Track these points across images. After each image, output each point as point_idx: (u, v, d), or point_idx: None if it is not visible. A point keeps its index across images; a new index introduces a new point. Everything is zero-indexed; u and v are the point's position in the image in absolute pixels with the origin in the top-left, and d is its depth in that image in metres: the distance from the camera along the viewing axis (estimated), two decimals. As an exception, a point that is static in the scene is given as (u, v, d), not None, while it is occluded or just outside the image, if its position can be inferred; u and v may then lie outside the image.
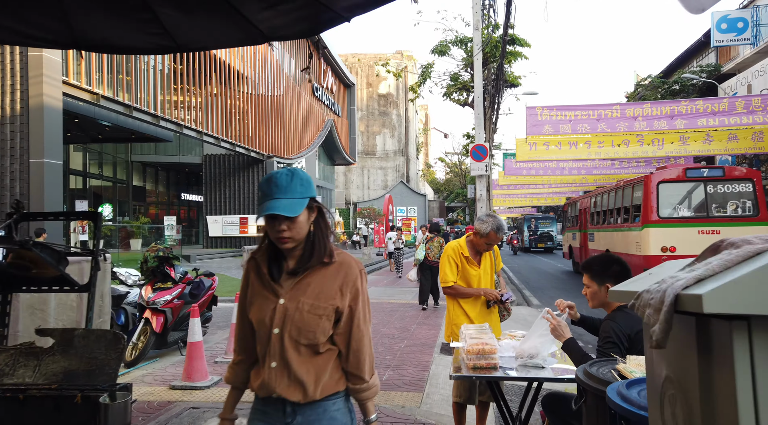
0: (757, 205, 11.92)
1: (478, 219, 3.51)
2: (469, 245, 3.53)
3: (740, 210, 12.09)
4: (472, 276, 3.48)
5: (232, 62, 23.01)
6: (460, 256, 3.49)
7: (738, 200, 12.21)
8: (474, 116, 13.10)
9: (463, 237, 3.60)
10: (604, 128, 16.45)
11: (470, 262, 3.48)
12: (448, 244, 3.63)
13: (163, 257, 5.92)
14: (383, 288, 13.66)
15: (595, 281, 2.52)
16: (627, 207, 14.86)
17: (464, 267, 3.48)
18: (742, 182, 12.40)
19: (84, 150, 21.94)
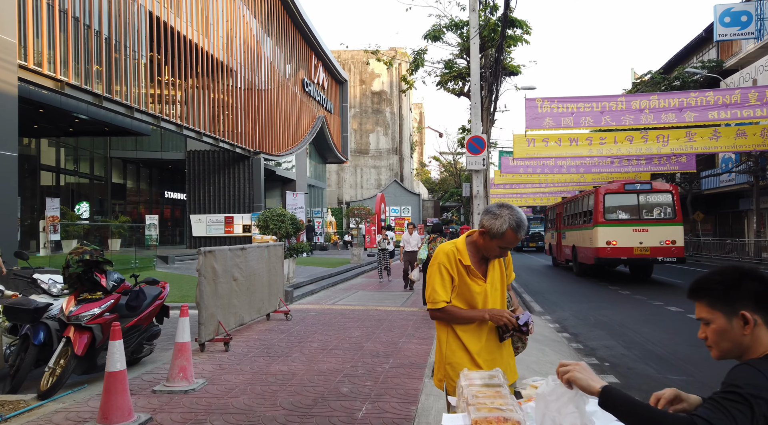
0: (674, 211, 16.14)
1: (487, 212, 2.40)
2: (471, 250, 2.44)
3: (662, 214, 16.09)
4: (475, 294, 2.39)
5: (217, 54, 21.87)
6: (457, 265, 2.40)
7: (661, 207, 16.24)
8: (470, 106, 12.04)
9: (462, 238, 2.50)
10: (608, 121, 15.43)
11: (472, 274, 2.40)
12: (440, 247, 2.51)
13: (90, 262, 4.80)
14: (371, 293, 12.57)
15: (721, 311, 1.40)
16: (585, 212, 18.34)
17: (463, 281, 2.39)
18: (664, 193, 16.51)
19: (57, 144, 20.72)
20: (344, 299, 11.27)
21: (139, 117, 16.58)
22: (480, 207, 11.68)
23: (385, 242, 15.01)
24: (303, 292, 11.47)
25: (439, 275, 2.40)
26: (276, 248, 8.42)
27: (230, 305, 6.70)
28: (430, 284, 2.43)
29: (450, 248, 2.44)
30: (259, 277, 7.62)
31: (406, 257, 12.77)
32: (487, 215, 2.37)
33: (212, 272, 6.20)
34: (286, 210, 11.44)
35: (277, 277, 8.42)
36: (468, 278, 2.39)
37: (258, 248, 7.65)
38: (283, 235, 11.08)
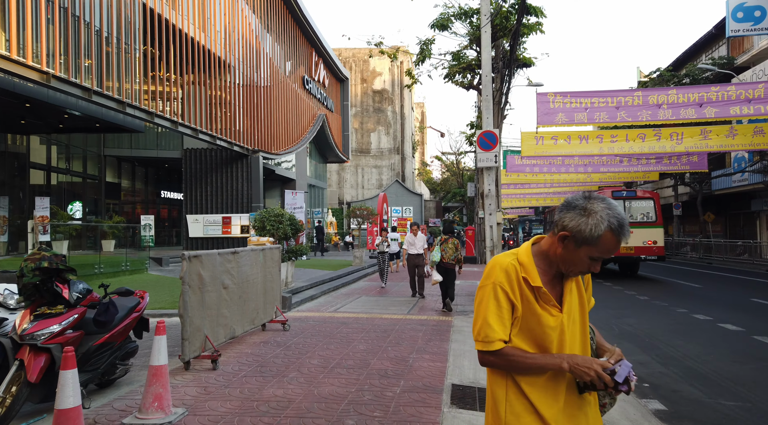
0: (656, 215, 18.71)
1: (570, 207, 1.65)
2: (541, 263, 1.71)
3: (645, 218, 18.65)
4: (547, 329, 1.65)
5: (214, 49, 21.13)
6: (520, 286, 1.66)
7: (644, 212, 18.83)
8: (482, 100, 11.30)
9: (525, 247, 1.75)
10: (624, 117, 14.68)
11: (544, 299, 1.66)
12: (495, 260, 1.74)
13: (49, 270, 4.06)
14: (375, 299, 11.81)
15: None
16: None
17: (530, 310, 1.66)
18: (647, 200, 19.29)
19: (48, 142, 19.98)
20: (346, 306, 10.53)
21: (132, 113, 15.83)
22: (491, 207, 10.96)
23: (384, 244, 14.09)
24: (302, 298, 10.72)
25: (494, 301, 1.65)
26: (272, 251, 7.68)
27: (220, 317, 5.95)
28: (480, 315, 1.68)
29: (509, 261, 1.68)
30: (253, 284, 6.88)
31: (411, 261, 11.72)
32: (570, 212, 1.62)
33: (198, 279, 5.46)
34: (284, 210, 10.69)
35: (273, 283, 7.68)
36: (537, 306, 1.65)
37: (252, 252, 6.90)
38: (280, 236, 10.33)
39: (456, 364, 5.77)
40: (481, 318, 1.66)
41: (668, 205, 37.41)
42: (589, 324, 1.77)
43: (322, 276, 14.34)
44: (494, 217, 11.00)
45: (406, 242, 11.74)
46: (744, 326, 8.69)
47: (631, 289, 14.49)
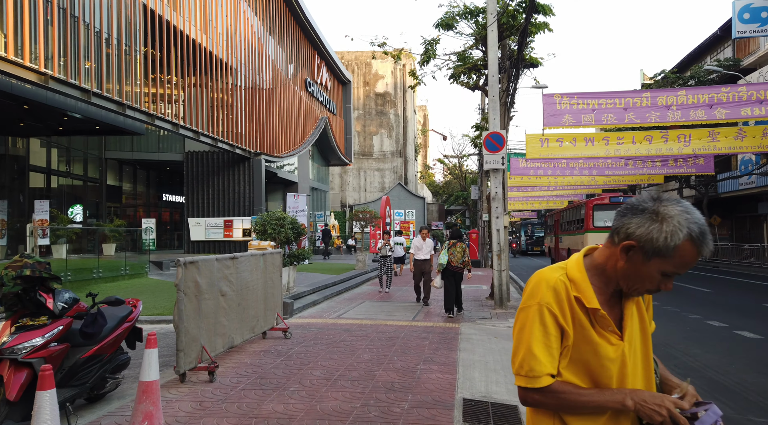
0: None
1: (637, 211, 1.34)
2: (597, 280, 1.41)
3: None
4: (604, 361, 1.36)
5: (216, 51, 20.93)
6: (572, 307, 1.37)
7: None
8: (488, 100, 11.03)
9: (575, 259, 1.45)
10: (632, 118, 14.39)
11: (602, 323, 1.38)
12: (539, 275, 1.43)
13: (32, 278, 3.79)
14: (378, 304, 11.52)
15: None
16: (578, 220, 21.65)
17: (585, 337, 1.37)
18: None
19: (48, 145, 19.78)
20: (350, 312, 10.25)
21: (132, 115, 15.62)
22: (498, 210, 10.68)
23: (387, 248, 13.51)
24: (304, 303, 10.44)
25: (540, 326, 1.36)
26: (273, 256, 7.40)
27: (217, 326, 5.68)
28: (522, 343, 1.39)
29: (557, 277, 1.39)
30: (252, 291, 6.61)
31: (418, 266, 11.19)
32: (637, 217, 1.33)
33: (195, 287, 5.18)
34: (286, 213, 10.42)
35: (274, 289, 7.41)
36: (593, 333, 1.36)
37: (252, 257, 6.63)
38: (282, 240, 10.06)
39: (466, 376, 5.49)
40: (524, 348, 1.37)
41: (674, 208, 36.93)
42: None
43: (325, 281, 14.06)
44: (501, 220, 10.72)
45: (413, 247, 11.20)
46: (761, 333, 8.38)
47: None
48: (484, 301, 12.08)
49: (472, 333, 7.99)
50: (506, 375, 5.61)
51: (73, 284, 11.92)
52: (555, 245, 26.65)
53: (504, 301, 10.60)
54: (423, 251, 11.11)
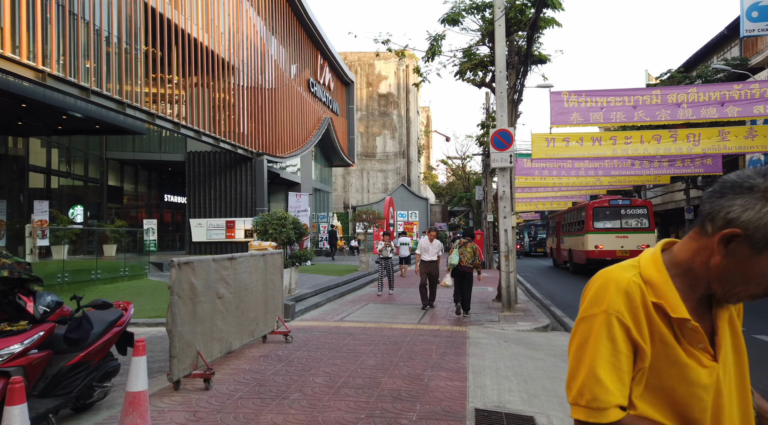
0: (649, 222, 20.04)
1: (736, 188, 1.02)
2: (680, 280, 1.09)
3: (639, 224, 20.03)
4: (695, 388, 1.05)
5: (218, 50, 20.70)
6: (648, 316, 1.06)
7: (638, 219, 20.13)
8: (495, 97, 10.73)
9: (650, 254, 1.14)
10: (642, 117, 14.07)
11: (690, 339, 1.07)
12: (603, 275, 1.14)
13: (11, 280, 3.51)
14: (383, 307, 11.22)
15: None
16: (578, 221, 22.03)
17: (667, 357, 1.06)
18: (641, 208, 20.77)
19: (48, 145, 19.56)
20: (353, 314, 9.96)
21: (132, 114, 15.37)
22: (506, 209, 10.38)
23: (388, 249, 12.89)
24: (306, 306, 10.16)
25: (607, 342, 1.06)
26: (274, 256, 7.12)
27: (214, 330, 5.39)
28: (583, 364, 1.08)
29: (630, 279, 1.09)
30: (252, 292, 6.32)
31: (424, 268, 10.68)
32: (742, 197, 1.02)
33: (190, 289, 4.90)
34: (288, 213, 10.14)
35: (275, 291, 7.12)
36: (679, 351, 1.06)
37: (251, 258, 6.35)
38: (283, 241, 9.77)
39: (477, 383, 5.18)
40: (585, 370, 1.06)
41: (680, 209, 36.68)
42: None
43: (327, 282, 13.78)
44: (509, 220, 10.41)
45: (419, 248, 10.78)
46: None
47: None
48: (491, 303, 11.78)
49: (480, 337, 7.69)
50: (519, 383, 5.31)
51: (70, 285, 11.68)
52: (557, 246, 27.29)
53: (512, 304, 10.29)
54: (430, 252, 10.73)
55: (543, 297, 13.74)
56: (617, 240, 19.80)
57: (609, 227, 20.14)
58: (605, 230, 20.06)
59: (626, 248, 19.56)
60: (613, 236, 19.89)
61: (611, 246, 19.71)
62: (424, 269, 10.64)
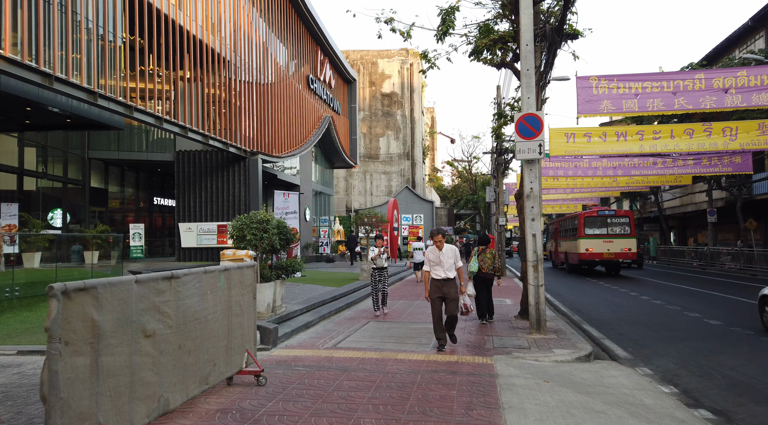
0: (630, 229, 23.50)
1: None
2: None
3: (622, 231, 23.44)
4: None
5: (208, 41, 19.06)
6: None
7: (622, 226, 23.58)
8: (520, 75, 9.00)
9: None
10: (683, 104, 12.29)
11: None
12: None
13: None
14: (386, 326, 9.44)
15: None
16: (572, 228, 25.58)
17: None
18: (624, 217, 24.06)
19: (21, 142, 17.91)
20: (350, 337, 8.21)
21: (105, 105, 13.71)
22: (534, 210, 8.64)
23: (383, 257, 10.47)
24: (294, 327, 8.42)
25: None
26: (242, 272, 5.39)
27: (137, 385, 3.66)
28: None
29: None
30: (206, 323, 4.59)
31: (436, 290, 7.13)
32: None
33: (89, 330, 3.18)
34: (272, 215, 8.40)
35: (243, 318, 5.39)
36: None
37: (205, 276, 4.62)
38: (265, 249, 8.05)
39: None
40: None
41: (700, 212, 34.82)
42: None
43: (323, 295, 12.03)
44: (538, 223, 8.66)
45: (426, 260, 7.28)
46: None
47: (694, 310, 12.03)
48: (513, 321, 10.02)
49: (513, 375, 5.93)
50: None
51: (21, 301, 9.98)
52: (555, 249, 30.43)
53: (542, 324, 8.53)
54: (444, 264, 7.11)
55: (570, 312, 11.96)
56: (604, 244, 23.19)
57: (597, 233, 23.49)
58: (594, 236, 23.43)
59: (612, 251, 23.01)
60: (601, 241, 23.26)
61: (599, 249, 23.16)
62: (437, 292, 7.14)
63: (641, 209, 44.73)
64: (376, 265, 10.29)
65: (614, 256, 22.93)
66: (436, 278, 7.17)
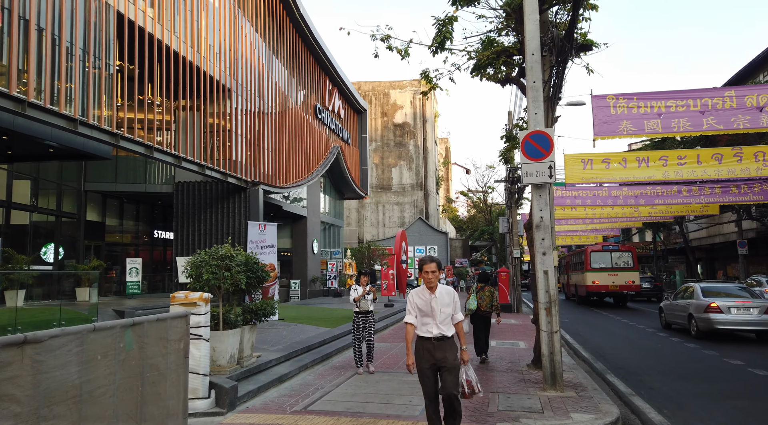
0: (633, 262, 25.58)
1: None
2: None
3: (626, 265, 25.38)
4: None
5: (207, 69, 18.43)
6: None
7: (626, 260, 25.62)
8: (527, 89, 7.90)
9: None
10: (713, 124, 11.01)
11: None
12: None
13: None
14: (374, 382, 8.12)
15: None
16: (580, 262, 27.64)
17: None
18: (627, 252, 26.25)
19: (10, 174, 17.22)
20: (328, 395, 6.93)
21: (87, 133, 12.92)
22: (545, 243, 7.39)
23: (368, 298, 8.44)
24: (264, 381, 7.17)
25: None
26: (165, 325, 4.22)
27: None
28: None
29: None
30: (90, 402, 3.40)
31: (426, 356, 4.69)
32: None
33: None
34: (238, 250, 7.24)
35: (165, 384, 4.19)
36: None
37: (94, 335, 3.46)
38: (228, 289, 6.89)
39: None
40: None
41: (729, 243, 32.89)
42: None
43: (311, 339, 10.77)
44: (550, 258, 7.39)
45: (410, 308, 4.81)
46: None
47: (735, 357, 10.48)
48: (525, 371, 8.63)
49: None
50: None
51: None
52: (566, 282, 31.96)
53: (557, 379, 7.16)
54: (437, 315, 4.69)
55: (592, 357, 10.50)
56: (609, 277, 24.83)
57: (603, 267, 25.21)
58: (600, 270, 25.13)
59: (616, 283, 24.60)
60: (606, 274, 24.90)
61: (605, 281, 24.75)
62: (427, 358, 4.67)
63: (665, 240, 42.80)
64: (359, 308, 8.41)
65: (619, 288, 24.57)
66: (425, 337, 4.71)
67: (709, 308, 12.81)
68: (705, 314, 12.87)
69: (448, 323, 4.75)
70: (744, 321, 12.55)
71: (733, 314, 12.60)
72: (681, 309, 14.47)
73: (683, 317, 14.17)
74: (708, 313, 12.80)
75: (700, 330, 13.09)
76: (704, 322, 12.88)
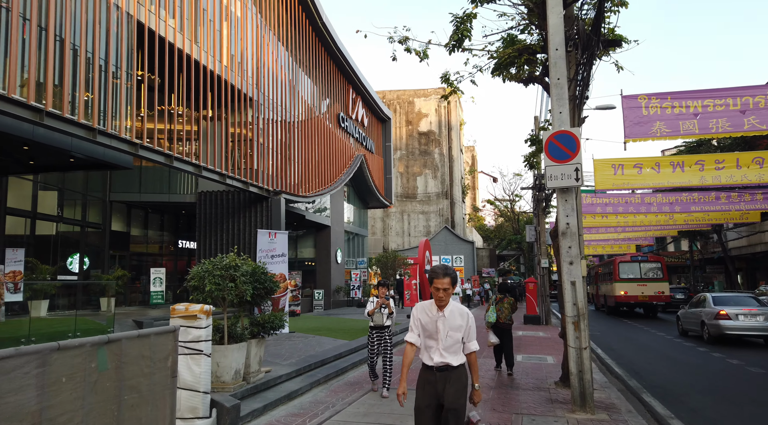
0: (662, 273, 25.35)
1: None
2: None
3: (655, 275, 25.29)
4: None
5: (229, 78, 18.39)
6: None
7: (655, 271, 25.55)
8: (550, 87, 7.40)
9: None
10: (754, 124, 10.26)
11: None
12: None
13: None
14: (389, 401, 7.64)
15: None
16: (609, 273, 27.54)
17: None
18: (656, 262, 26.04)
19: (35, 185, 17.43)
20: (338, 415, 6.49)
21: (107, 142, 12.89)
22: (571, 252, 6.85)
23: (384, 312, 7.61)
24: (272, 399, 6.78)
25: None
26: (149, 341, 3.87)
27: None
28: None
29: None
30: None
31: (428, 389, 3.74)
32: None
33: None
34: (244, 259, 6.90)
35: (147, 407, 3.82)
36: None
37: (58, 354, 3.12)
38: (232, 302, 6.55)
39: None
40: None
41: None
42: None
43: (327, 351, 10.36)
44: (577, 268, 6.83)
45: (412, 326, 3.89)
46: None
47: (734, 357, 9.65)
48: (552, 389, 8.04)
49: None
50: None
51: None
52: (596, 292, 31.93)
53: (587, 399, 6.57)
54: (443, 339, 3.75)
55: (626, 374, 9.80)
56: (638, 287, 24.72)
57: (632, 278, 25.12)
58: (629, 280, 25.02)
59: (646, 294, 24.49)
60: (635, 284, 24.80)
61: (634, 292, 24.67)
62: (428, 393, 3.73)
63: (702, 249, 41.12)
64: (374, 323, 7.62)
65: (648, 298, 24.47)
66: (426, 365, 3.82)
67: (719, 316, 14.01)
68: (715, 321, 14.06)
69: (457, 351, 3.74)
70: (751, 327, 13.67)
71: (741, 321, 13.76)
72: (695, 317, 15.59)
73: (697, 324, 15.33)
74: (718, 320, 14.00)
75: (711, 336, 14.18)
76: (715, 328, 14.02)
